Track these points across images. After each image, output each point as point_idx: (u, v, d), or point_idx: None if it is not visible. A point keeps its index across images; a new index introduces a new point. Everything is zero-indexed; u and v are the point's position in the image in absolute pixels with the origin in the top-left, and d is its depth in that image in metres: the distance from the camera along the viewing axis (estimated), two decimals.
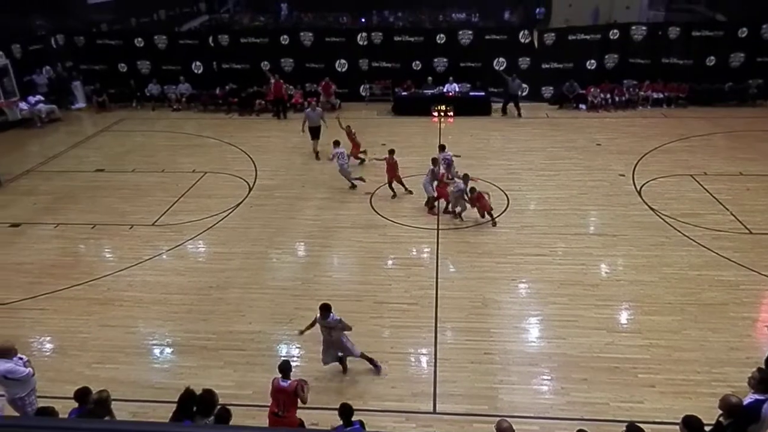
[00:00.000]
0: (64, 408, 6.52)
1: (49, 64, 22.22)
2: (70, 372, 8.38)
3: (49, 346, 9.22)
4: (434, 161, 13.10)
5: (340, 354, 8.19)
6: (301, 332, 8.27)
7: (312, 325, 8.18)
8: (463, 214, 12.62)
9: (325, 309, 7.95)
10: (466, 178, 12.35)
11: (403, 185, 13.95)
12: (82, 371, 8.41)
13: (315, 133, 16.59)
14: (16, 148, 18.16)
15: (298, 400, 6.81)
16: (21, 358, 6.95)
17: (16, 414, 6.73)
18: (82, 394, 6.27)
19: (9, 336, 8.10)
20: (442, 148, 13.91)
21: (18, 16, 21.01)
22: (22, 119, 20.03)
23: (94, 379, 7.74)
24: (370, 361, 8.30)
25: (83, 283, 10.69)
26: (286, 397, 6.80)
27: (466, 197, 12.39)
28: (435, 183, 12.91)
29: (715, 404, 6.06)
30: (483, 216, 12.38)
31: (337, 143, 14.44)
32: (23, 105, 19.97)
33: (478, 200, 12.24)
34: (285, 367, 7.02)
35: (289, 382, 6.86)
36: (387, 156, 13.77)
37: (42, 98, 20.69)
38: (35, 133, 19.75)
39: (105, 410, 6.16)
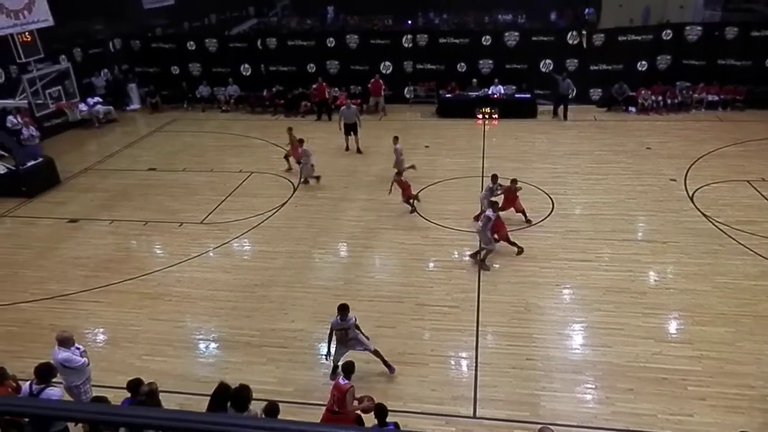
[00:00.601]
0: (116, 397, 6.81)
1: (107, 67, 23.21)
2: (121, 363, 8.72)
3: (102, 337, 9.62)
4: (494, 178, 12.31)
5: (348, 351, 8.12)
6: (328, 354, 8.18)
7: (331, 335, 8.15)
8: (488, 260, 10.95)
9: (344, 309, 7.99)
10: (494, 206, 11.01)
11: (412, 204, 13.35)
12: (133, 362, 8.75)
13: (350, 129, 17.18)
14: (76, 148, 19.03)
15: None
16: (78, 348, 7.28)
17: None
18: (134, 385, 6.52)
19: (67, 326, 8.51)
20: (395, 139, 14.96)
21: (79, 21, 21.99)
22: (82, 120, 20.96)
23: (144, 371, 8.04)
24: (385, 362, 8.29)
25: (135, 277, 11.11)
26: (340, 396, 6.91)
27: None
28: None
29: None
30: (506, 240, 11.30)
31: (301, 141, 15.21)
32: (82, 106, 20.87)
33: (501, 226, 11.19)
34: (346, 367, 7.15)
35: (346, 381, 6.95)
36: (398, 178, 13.36)
37: (100, 100, 21.63)
38: (93, 133, 20.66)
39: (155, 401, 6.39)
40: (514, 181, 12.38)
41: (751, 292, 9.78)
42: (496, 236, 11.01)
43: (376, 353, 8.25)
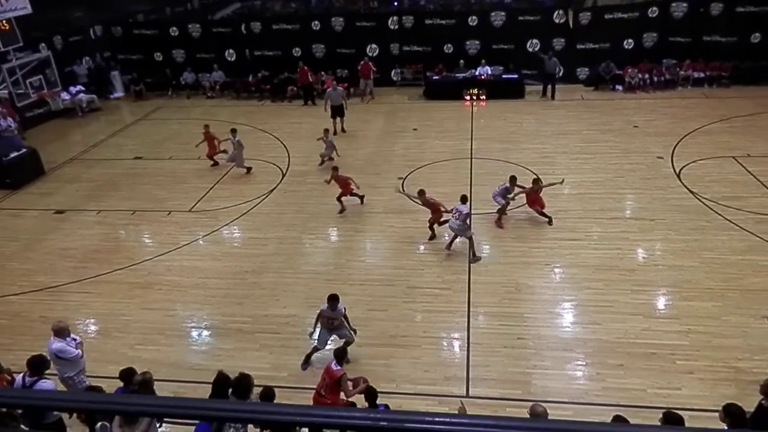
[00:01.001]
0: (109, 387, 6.79)
1: (89, 55, 22.81)
2: (114, 353, 8.71)
3: (93, 327, 9.59)
4: (512, 180, 11.56)
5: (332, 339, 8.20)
6: (311, 334, 8.34)
7: (317, 321, 8.23)
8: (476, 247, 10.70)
9: (334, 299, 7.99)
10: (464, 199, 10.67)
11: (341, 203, 12.63)
12: (125, 352, 8.73)
13: (337, 111, 17.11)
14: (59, 137, 18.76)
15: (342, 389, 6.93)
16: (74, 339, 7.27)
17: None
18: (127, 375, 6.53)
19: (57, 318, 8.45)
20: (326, 132, 15.05)
21: (58, 9, 21.55)
22: (64, 109, 20.62)
23: (136, 360, 8.03)
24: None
25: (125, 267, 11.05)
26: (330, 381, 6.94)
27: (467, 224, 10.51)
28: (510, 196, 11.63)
29: (757, 392, 5.93)
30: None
31: (233, 131, 14.77)
32: (65, 95, 20.54)
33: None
34: (338, 354, 7.18)
35: (338, 368, 6.97)
36: (335, 174, 12.50)
37: (82, 88, 21.28)
38: (77, 122, 20.36)
39: (148, 391, 6.39)
40: (536, 181, 11.73)
41: (738, 266, 9.92)
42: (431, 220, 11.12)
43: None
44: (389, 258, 10.99)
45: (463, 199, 10.70)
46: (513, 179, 11.62)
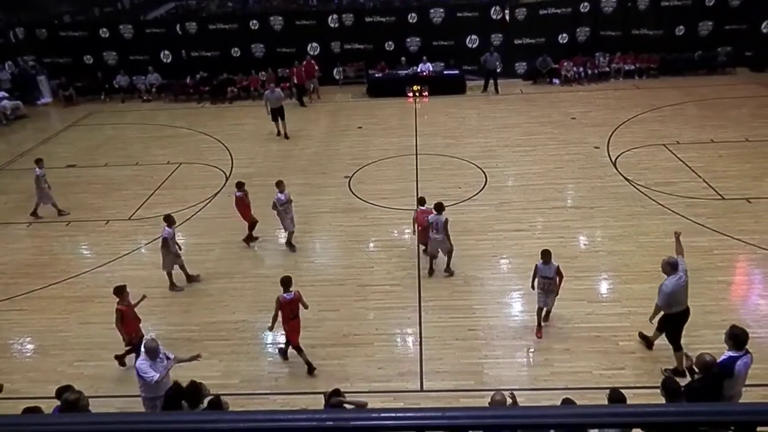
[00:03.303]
0: (49, 408, 6.44)
1: (11, 59, 21.56)
2: (52, 371, 8.27)
3: (29, 346, 9.08)
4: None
5: None
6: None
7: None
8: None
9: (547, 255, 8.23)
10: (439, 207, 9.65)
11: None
12: (64, 370, 8.31)
13: (277, 113, 16.80)
14: None
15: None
16: (162, 360, 6.85)
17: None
18: (63, 393, 6.20)
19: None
20: (38, 162, 12.54)
21: None
22: None
23: (78, 377, 7.68)
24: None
25: (61, 281, 10.52)
26: (295, 306, 7.87)
27: None
28: None
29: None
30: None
31: (39, 161, 12.82)
32: None
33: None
34: (283, 282, 7.92)
35: (290, 295, 7.84)
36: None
37: (6, 94, 20.11)
38: (1, 131, 19.22)
39: (77, 411, 6.08)
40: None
41: (671, 249, 10.28)
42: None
43: None
44: (339, 257, 10.93)
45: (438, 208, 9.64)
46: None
